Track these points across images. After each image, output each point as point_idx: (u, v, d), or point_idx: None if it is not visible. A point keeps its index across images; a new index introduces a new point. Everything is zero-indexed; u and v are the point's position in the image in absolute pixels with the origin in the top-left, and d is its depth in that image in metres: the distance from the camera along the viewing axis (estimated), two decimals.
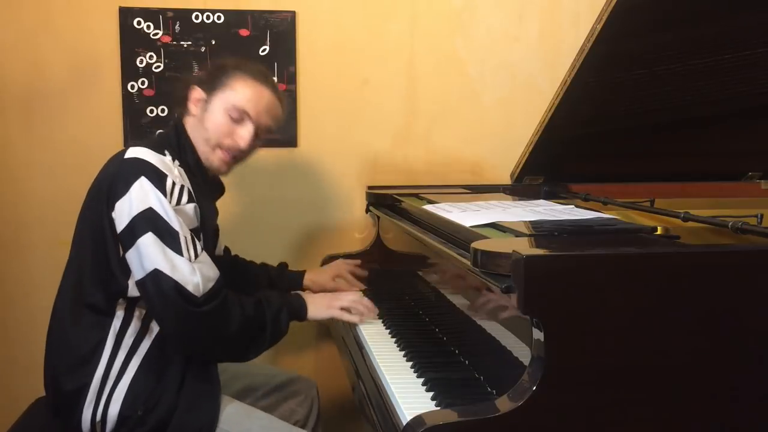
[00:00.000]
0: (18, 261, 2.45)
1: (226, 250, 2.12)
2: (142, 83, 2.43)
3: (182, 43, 2.43)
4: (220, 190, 1.88)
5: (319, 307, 1.78)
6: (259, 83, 1.77)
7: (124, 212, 1.55)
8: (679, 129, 2.09)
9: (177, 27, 2.43)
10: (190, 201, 1.62)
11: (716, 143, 2.14)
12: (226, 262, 2.02)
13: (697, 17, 1.70)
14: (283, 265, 2.17)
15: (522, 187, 2.24)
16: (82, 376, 1.58)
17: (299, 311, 1.75)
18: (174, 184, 1.59)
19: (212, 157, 1.76)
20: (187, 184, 1.64)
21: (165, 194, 1.56)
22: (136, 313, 1.62)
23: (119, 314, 1.61)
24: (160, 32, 2.42)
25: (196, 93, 1.76)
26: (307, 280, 2.12)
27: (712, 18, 1.71)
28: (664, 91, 1.94)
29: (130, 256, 1.54)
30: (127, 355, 1.60)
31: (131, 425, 1.57)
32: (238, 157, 1.78)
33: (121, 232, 1.55)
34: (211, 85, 1.76)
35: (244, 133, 1.75)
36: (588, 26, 1.71)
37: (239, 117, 1.74)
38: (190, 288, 1.52)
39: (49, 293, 1.71)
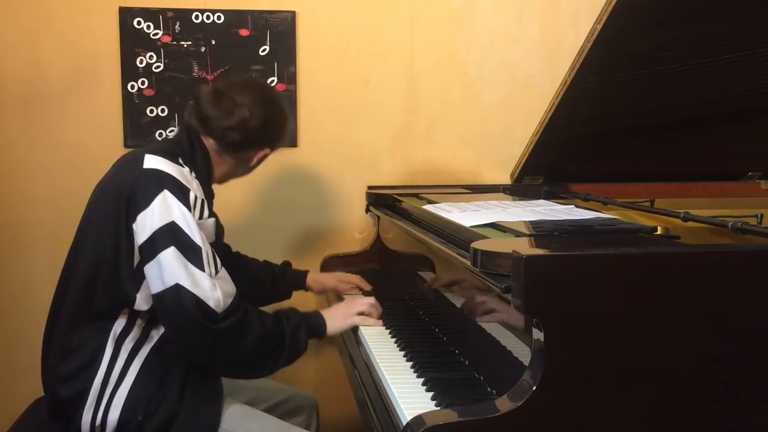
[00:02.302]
0: (18, 261, 2.45)
1: (226, 247, 2.11)
2: (142, 83, 2.43)
3: (182, 43, 2.43)
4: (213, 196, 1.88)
5: (336, 319, 1.75)
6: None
7: (146, 225, 1.53)
8: (680, 129, 2.09)
9: (177, 27, 2.43)
10: (210, 215, 1.63)
11: (716, 143, 2.14)
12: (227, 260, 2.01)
13: (698, 17, 1.70)
14: (286, 264, 2.17)
15: (522, 187, 2.24)
16: (82, 381, 1.58)
17: (318, 328, 1.72)
18: (196, 198, 1.59)
19: None
20: (205, 198, 1.64)
21: (189, 209, 1.55)
22: (138, 321, 1.61)
23: (121, 320, 1.60)
24: (160, 32, 2.42)
25: (266, 152, 1.82)
26: (310, 279, 2.12)
27: (712, 18, 1.71)
28: (665, 91, 1.94)
29: (150, 269, 1.53)
30: (127, 359, 1.59)
31: (131, 430, 1.57)
32: None
33: (142, 244, 1.54)
34: (276, 141, 1.83)
35: None
36: (588, 26, 1.71)
37: None
38: (211, 304, 1.50)
39: (49, 293, 1.70)
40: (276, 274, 2.11)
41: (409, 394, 1.33)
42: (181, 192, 1.56)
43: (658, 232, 1.40)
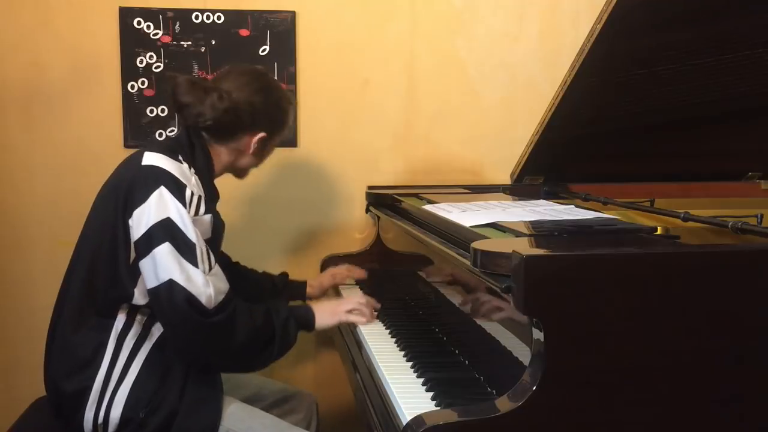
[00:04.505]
0: (18, 261, 2.45)
1: (225, 256, 2.11)
2: (142, 83, 2.43)
3: (182, 43, 2.43)
4: (218, 196, 1.88)
5: (325, 315, 1.77)
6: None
7: (141, 220, 1.54)
8: (680, 129, 2.09)
9: (177, 27, 2.43)
10: (207, 212, 1.62)
11: (716, 143, 2.14)
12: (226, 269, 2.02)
13: (697, 17, 1.70)
14: (284, 275, 2.17)
15: (522, 187, 2.24)
16: (84, 378, 1.58)
17: (307, 320, 1.74)
18: (192, 194, 1.59)
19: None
20: (203, 194, 1.64)
21: (184, 205, 1.56)
22: (138, 317, 1.62)
23: (121, 317, 1.61)
24: (160, 32, 2.42)
25: (261, 136, 1.76)
26: (310, 288, 2.14)
27: (712, 18, 1.71)
28: (665, 91, 1.94)
29: (144, 264, 1.54)
30: (128, 357, 1.60)
31: (133, 427, 1.57)
32: None
33: (138, 240, 1.54)
34: (273, 126, 1.79)
35: None
36: (588, 26, 1.71)
37: None
38: (203, 300, 1.51)
39: (50, 293, 1.71)
40: (276, 283, 2.12)
41: (409, 394, 1.33)
42: (177, 188, 1.57)
43: (658, 232, 1.40)
